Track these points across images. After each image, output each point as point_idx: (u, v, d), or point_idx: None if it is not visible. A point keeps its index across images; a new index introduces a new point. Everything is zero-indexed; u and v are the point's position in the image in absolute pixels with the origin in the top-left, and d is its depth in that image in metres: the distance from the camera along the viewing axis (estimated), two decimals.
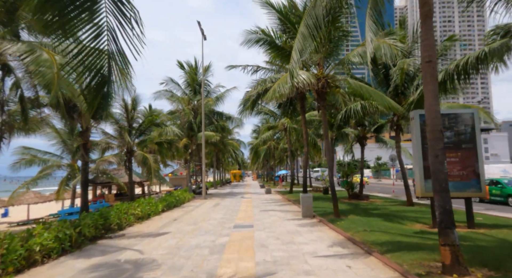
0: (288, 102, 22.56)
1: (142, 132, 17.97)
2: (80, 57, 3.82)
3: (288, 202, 18.80)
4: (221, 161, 49.51)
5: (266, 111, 27.29)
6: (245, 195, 25.80)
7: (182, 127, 25.65)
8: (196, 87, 27.84)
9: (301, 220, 11.13)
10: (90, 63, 4.11)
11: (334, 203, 11.59)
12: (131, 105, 17.87)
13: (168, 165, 40.87)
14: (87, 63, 4.15)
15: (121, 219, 10.16)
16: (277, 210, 14.58)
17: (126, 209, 11.32)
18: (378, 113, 16.24)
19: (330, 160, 12.21)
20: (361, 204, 15.57)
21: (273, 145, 42.93)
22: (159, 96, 26.61)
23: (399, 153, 15.86)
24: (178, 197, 18.17)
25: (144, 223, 11.69)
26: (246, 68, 19.06)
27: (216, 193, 29.14)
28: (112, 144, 16.77)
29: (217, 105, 28.59)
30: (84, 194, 12.73)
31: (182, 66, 27.46)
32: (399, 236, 7.74)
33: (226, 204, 18.33)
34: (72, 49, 3.81)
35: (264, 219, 11.69)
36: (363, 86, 12.30)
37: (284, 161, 55.82)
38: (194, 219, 12.19)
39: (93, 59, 4.07)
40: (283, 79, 10.32)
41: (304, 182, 19.00)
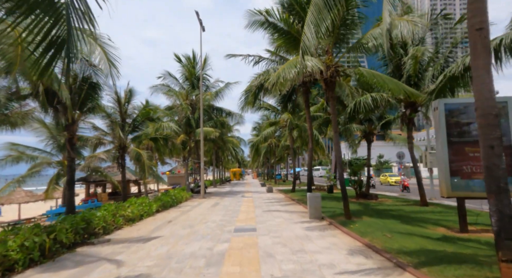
0: (290, 95, 21.47)
1: (136, 127, 16.84)
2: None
3: (291, 201, 17.71)
4: (221, 159, 48.41)
5: (268, 107, 26.16)
6: (245, 194, 24.71)
7: (179, 123, 24.54)
8: (194, 81, 26.69)
9: (309, 223, 10.04)
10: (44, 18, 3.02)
11: (344, 204, 10.50)
12: (124, 98, 16.73)
13: (166, 163, 39.86)
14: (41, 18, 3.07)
15: (108, 222, 9.05)
16: (281, 210, 13.49)
17: (115, 210, 10.22)
18: (389, 106, 15.14)
19: (338, 156, 11.11)
20: (371, 204, 14.48)
21: (274, 143, 41.82)
22: (156, 91, 25.49)
23: (411, 149, 14.75)
24: (175, 196, 17.08)
25: (135, 225, 10.58)
26: (247, 58, 17.88)
27: (216, 192, 28.05)
28: (104, 140, 15.65)
29: (216, 100, 27.49)
30: (70, 194, 11.62)
31: (179, 60, 26.30)
32: (427, 242, 6.64)
33: (225, 203, 17.24)
34: None
35: (268, 221, 10.59)
36: (376, 74, 11.15)
37: (285, 159, 54.74)
38: (190, 221, 11.09)
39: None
40: (290, 63, 9.21)
41: (309, 181, 17.90)
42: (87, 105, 12.18)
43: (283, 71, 9.29)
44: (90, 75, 11.95)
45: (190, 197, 21.48)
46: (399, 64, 14.59)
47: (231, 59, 17.17)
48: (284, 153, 48.39)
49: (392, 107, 15.41)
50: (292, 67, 9.13)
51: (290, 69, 9.08)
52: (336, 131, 11.39)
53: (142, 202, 13.11)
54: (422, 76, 13.91)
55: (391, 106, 15.09)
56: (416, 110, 14.51)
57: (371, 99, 14.40)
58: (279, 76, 9.30)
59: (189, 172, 37.16)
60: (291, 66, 9.11)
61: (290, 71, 9.05)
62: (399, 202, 15.63)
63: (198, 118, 24.53)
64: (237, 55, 17.97)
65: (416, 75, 13.85)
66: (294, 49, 11.74)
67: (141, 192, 25.17)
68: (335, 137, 11.37)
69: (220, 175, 49.72)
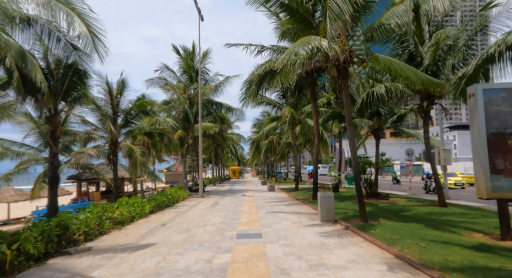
0: (294, 88, 20.24)
1: (130, 121, 15.57)
2: None
3: (296, 201, 16.52)
4: (220, 157, 47.19)
5: (269, 101, 24.91)
6: (246, 193, 23.52)
7: (177, 118, 23.30)
8: (192, 74, 25.42)
9: (321, 226, 8.85)
10: None
11: (360, 205, 9.31)
12: (116, 89, 15.45)
13: (164, 161, 38.62)
14: None
15: (91, 226, 7.83)
16: (287, 211, 12.30)
17: (101, 212, 9.01)
18: (405, 97, 13.93)
19: (353, 151, 9.90)
20: (384, 205, 13.32)
21: (275, 140, 40.59)
22: (152, 84, 24.21)
23: (428, 144, 13.56)
24: (171, 196, 15.88)
25: (124, 229, 9.36)
26: (248, 47, 16.67)
27: (215, 191, 26.86)
28: (94, 135, 14.38)
29: (216, 95, 26.24)
30: (52, 194, 10.40)
31: (177, 51, 25.02)
32: (471, 254, 5.46)
33: (225, 203, 16.04)
34: None
35: (274, 224, 9.39)
36: (393, 61, 9.91)
37: (286, 157, 53.51)
38: (187, 224, 9.89)
39: None
40: (303, 40, 7.96)
41: (315, 179, 16.74)
42: (72, 95, 10.92)
43: (294, 48, 8.04)
44: (76, 62, 10.69)
45: (188, 196, 20.28)
46: (414, 54, 13.38)
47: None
48: (285, 150, 47.23)
49: (407, 99, 14.19)
50: (305, 44, 7.89)
51: (303, 46, 7.84)
52: (350, 123, 10.18)
53: (134, 202, 11.91)
54: (442, 65, 12.69)
55: (406, 97, 13.87)
56: (433, 102, 13.31)
57: (385, 90, 13.22)
58: (290, 54, 8.05)
59: (187, 170, 35.95)
60: (304, 43, 7.87)
61: (304, 48, 7.80)
62: (413, 202, 14.46)
63: (196, 113, 23.29)
64: (238, 44, 16.72)
65: (435, 63, 12.64)
66: (303, 31, 10.49)
67: (136, 190, 23.95)
68: (350, 129, 10.15)
69: (219, 173, 48.50)
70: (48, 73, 10.30)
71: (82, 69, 10.81)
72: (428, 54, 12.73)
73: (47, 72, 10.28)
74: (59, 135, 10.56)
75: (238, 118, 27.58)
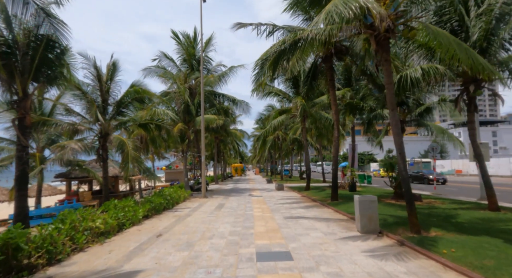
0: (307, 76, 18.11)
1: (122, 111, 13.47)
2: None
3: (313, 202, 14.44)
4: (222, 154, 45.11)
5: (278, 92, 22.75)
6: (253, 192, 21.46)
7: (177, 111, 21.20)
8: (194, 63, 23.27)
9: (365, 240, 6.76)
10: None
11: (411, 211, 7.24)
12: (106, 74, 13.34)
13: (165, 158, 36.58)
14: None
15: (58, 243, 5.76)
16: (308, 216, 10.21)
17: (76, 221, 6.94)
18: (444, 82, 11.79)
19: (399, 143, 7.80)
20: (422, 209, 11.25)
21: (281, 135, 38.47)
22: (150, 73, 22.05)
23: (473, 136, 11.44)
24: (170, 196, 13.82)
25: (107, 242, 7.29)
26: (258, 27, 14.45)
27: (218, 190, 24.80)
28: (79, 126, 12.28)
29: (219, 86, 24.06)
30: (20, 196, 8.31)
31: (177, 37, 22.82)
32: None
33: (232, 205, 13.97)
34: None
35: (301, 236, 7.31)
36: (441, 33, 7.75)
37: (290, 154, 51.38)
38: (189, 235, 7.81)
39: None
40: None
41: (335, 178, 14.64)
42: (46, 74, 8.80)
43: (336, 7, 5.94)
44: (50, 34, 8.58)
45: (189, 197, 18.23)
46: (460, 26, 11.23)
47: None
48: (290, 147, 45.10)
49: (445, 84, 12.05)
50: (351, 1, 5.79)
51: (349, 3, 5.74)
52: (394, 107, 8.05)
53: (124, 205, 9.84)
54: (495, 40, 10.55)
55: (445, 82, 11.74)
56: (480, 86, 11.18)
57: (421, 73, 11.07)
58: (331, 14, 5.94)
59: (188, 167, 33.97)
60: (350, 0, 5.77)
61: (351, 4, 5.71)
62: (453, 204, 12.38)
63: (198, 105, 21.19)
64: (247, 24, 14.50)
65: (486, 37, 10.49)
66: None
67: (133, 190, 21.91)
68: (394, 116, 8.02)
69: (222, 170, 46.47)
70: (12, 45, 8.19)
71: (58, 43, 8.70)
72: (477, 26, 10.59)
73: (11, 43, 8.17)
74: (29, 123, 8.46)
75: (243, 111, 25.39)
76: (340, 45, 14.80)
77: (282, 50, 9.27)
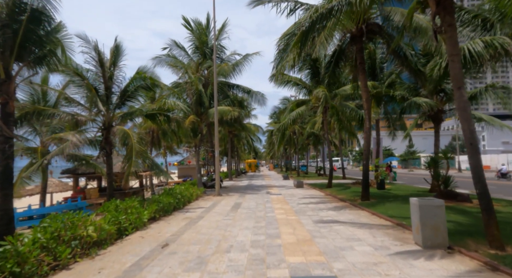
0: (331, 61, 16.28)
1: (127, 100, 12.11)
2: None
3: (341, 202, 12.74)
4: (236, 149, 43.69)
5: (297, 81, 20.97)
6: (270, 189, 19.90)
7: (189, 103, 19.83)
8: (206, 51, 21.73)
9: (432, 258, 5.08)
10: None
11: (488, 221, 5.52)
12: (110, 59, 11.98)
13: (177, 153, 35.50)
14: None
15: (28, 262, 4.35)
16: (343, 221, 8.55)
17: (61, 228, 5.55)
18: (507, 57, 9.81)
19: (471, 131, 6.02)
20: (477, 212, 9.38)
21: (297, 130, 36.69)
22: (160, 63, 20.66)
23: None
24: (181, 195, 12.43)
25: (100, 256, 5.88)
26: (278, 4, 12.82)
27: (233, 187, 23.38)
28: (80, 117, 10.99)
29: (233, 76, 22.50)
30: (4, 195, 7.02)
31: (188, 24, 21.33)
32: None
33: (250, 205, 12.46)
34: None
35: (343, 250, 5.68)
36: None
37: (306, 149, 49.42)
38: (200, 246, 6.32)
39: None
40: None
41: (365, 175, 12.88)
42: (31, 51, 7.43)
43: None
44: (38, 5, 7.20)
45: (202, 194, 16.84)
46: None
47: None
48: (306, 142, 43.20)
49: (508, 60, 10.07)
50: None
51: None
52: (461, 84, 6.25)
53: (127, 206, 8.46)
54: None
55: None
56: None
57: (483, 46, 9.14)
58: None
59: (201, 163, 32.73)
60: None
61: None
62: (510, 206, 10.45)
63: (211, 96, 19.72)
64: (265, 0, 12.94)
65: None
66: None
67: (143, 186, 20.73)
68: (461, 96, 6.22)
69: (236, 166, 45.12)
70: None
71: (45, 14, 7.30)
72: None
73: None
74: (12, 110, 7.14)
75: (258, 103, 23.74)
76: (372, 23, 12.96)
77: (308, 26, 7.59)
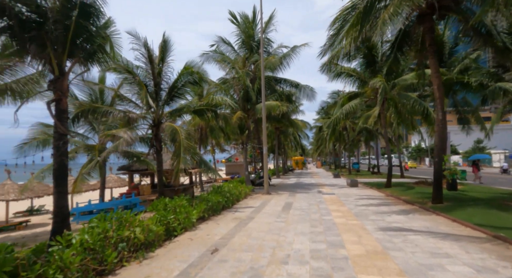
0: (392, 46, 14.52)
1: (175, 96, 11.95)
2: None
3: (407, 204, 11.18)
4: (283, 145, 42.74)
5: (350, 72, 19.36)
6: (321, 188, 18.72)
7: (236, 99, 19.47)
8: (253, 45, 21.17)
9: None
10: None
11: None
12: (159, 55, 11.91)
13: (225, 150, 35.71)
14: None
15: (70, 268, 3.99)
16: (418, 229, 7.22)
17: (108, 228, 5.24)
18: None
19: None
20: None
21: (348, 125, 34.60)
22: (207, 59, 20.55)
23: None
24: (230, 193, 11.96)
25: (148, 260, 5.47)
26: None
27: (281, 185, 22.59)
28: (131, 113, 11.07)
29: (280, 70, 21.66)
30: (58, 192, 7.08)
31: (235, 18, 20.94)
32: None
33: (302, 205, 11.54)
34: None
35: (432, 270, 4.51)
36: None
37: (357, 145, 46.58)
38: (252, 255, 5.62)
39: None
40: None
41: (438, 174, 11.14)
42: (83, 48, 7.39)
43: None
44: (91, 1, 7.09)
45: (250, 192, 16.32)
46: None
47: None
48: (357, 138, 40.62)
49: None
50: None
51: None
52: None
53: (175, 205, 8.13)
54: None
55: None
56: None
57: None
58: None
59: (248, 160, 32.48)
60: None
61: None
62: None
63: (258, 91, 19.10)
64: None
65: None
66: None
67: (192, 183, 20.90)
68: None
69: (283, 163, 44.24)
70: (44, 12, 6.84)
71: (94, 8, 7.17)
72: None
73: (44, 10, 6.83)
74: (65, 107, 7.16)
75: (307, 97, 22.53)
76: None
77: (369, 2, 6.41)
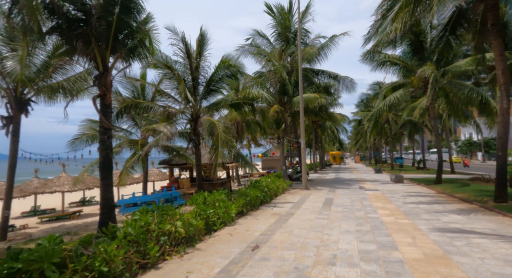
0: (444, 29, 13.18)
1: (212, 90, 11.92)
2: None
3: (464, 203, 10.11)
4: (320, 140, 41.63)
5: (395, 60, 18.05)
6: (363, 184, 17.82)
7: (272, 92, 19.13)
8: (289, 37, 20.63)
9: None
10: None
11: None
12: (196, 49, 11.93)
13: (261, 145, 35.63)
14: None
15: (115, 260, 3.98)
16: (482, 231, 6.40)
17: (150, 222, 5.24)
18: None
19: None
20: None
21: (390, 117, 32.69)
22: (243, 53, 20.39)
23: None
24: (268, 188, 11.73)
25: (188, 254, 5.41)
26: None
27: (319, 180, 21.93)
28: (170, 108, 11.24)
29: (318, 61, 20.93)
30: (104, 185, 7.32)
31: (270, 10, 20.51)
32: None
33: (344, 202, 10.97)
34: None
35: None
36: None
37: (400, 139, 43.95)
38: (295, 253, 5.31)
39: None
40: None
41: (502, 169, 9.90)
42: (125, 43, 7.52)
43: None
44: None
45: (288, 187, 15.99)
46: None
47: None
48: (400, 131, 38.26)
49: None
50: None
51: None
52: None
53: (214, 199, 8.06)
54: None
55: None
56: None
57: None
58: None
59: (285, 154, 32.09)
60: None
61: None
62: None
63: (295, 83, 18.58)
64: None
65: None
66: None
67: (229, 177, 21.04)
68: None
69: (320, 158, 43.19)
70: (88, 9, 7.02)
71: (135, 2, 7.23)
72: None
73: (88, 8, 7.01)
74: (109, 102, 7.35)
75: (346, 89, 21.51)
76: None
77: None
